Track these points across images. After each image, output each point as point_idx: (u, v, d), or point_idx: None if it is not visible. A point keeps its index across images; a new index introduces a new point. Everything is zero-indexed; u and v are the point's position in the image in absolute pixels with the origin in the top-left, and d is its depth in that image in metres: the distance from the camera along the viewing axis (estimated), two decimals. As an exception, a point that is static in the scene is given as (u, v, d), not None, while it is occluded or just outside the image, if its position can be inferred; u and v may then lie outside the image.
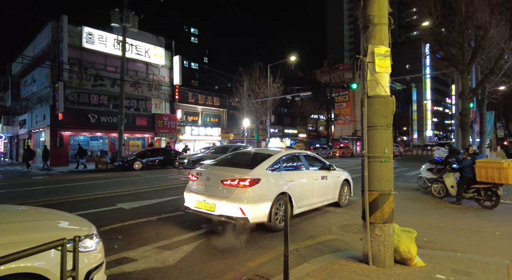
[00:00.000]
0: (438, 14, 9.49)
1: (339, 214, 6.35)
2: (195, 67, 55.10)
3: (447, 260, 3.69)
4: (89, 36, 20.78)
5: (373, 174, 3.58)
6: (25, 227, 2.42)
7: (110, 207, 6.87)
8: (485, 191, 7.13)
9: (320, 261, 3.74)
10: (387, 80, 3.64)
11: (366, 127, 3.61)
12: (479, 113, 15.28)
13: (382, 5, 3.60)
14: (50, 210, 3.25)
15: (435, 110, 71.92)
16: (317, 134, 46.16)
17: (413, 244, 3.55)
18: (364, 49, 3.65)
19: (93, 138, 21.96)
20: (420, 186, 9.99)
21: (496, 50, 10.36)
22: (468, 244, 4.37)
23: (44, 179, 12.85)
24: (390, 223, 3.57)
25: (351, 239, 4.73)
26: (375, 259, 3.54)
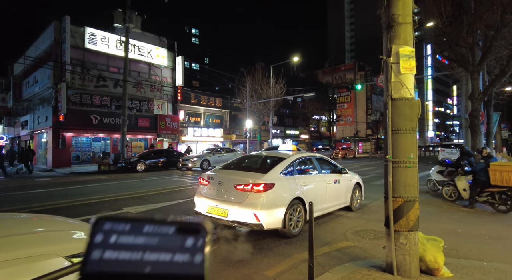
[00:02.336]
0: (448, 14, 9.34)
1: (352, 219, 6.20)
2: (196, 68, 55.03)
3: (474, 270, 3.53)
4: (92, 37, 20.66)
5: (398, 180, 3.43)
6: (39, 239, 2.28)
7: (116, 211, 6.72)
8: (499, 195, 6.97)
9: (341, 270, 3.58)
10: (412, 82, 3.50)
11: (390, 131, 3.46)
12: (486, 114, 15.12)
13: (407, 4, 3.46)
14: (65, 218, 3.11)
15: (437, 111, 71.76)
16: (319, 135, 46.00)
17: (440, 254, 3.40)
18: (388, 50, 3.50)
19: (96, 139, 21.81)
20: (430, 188, 9.84)
21: (508, 50, 10.21)
22: (493, 252, 4.21)
23: (48, 182, 12.71)
24: (415, 231, 3.43)
25: (369, 246, 4.57)
26: (400, 269, 3.39)
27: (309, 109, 35.89)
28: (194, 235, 0.30)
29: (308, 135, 39.65)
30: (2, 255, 1.85)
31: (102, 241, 0.28)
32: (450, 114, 75.67)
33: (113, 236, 0.28)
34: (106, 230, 0.29)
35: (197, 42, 67.09)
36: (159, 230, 0.29)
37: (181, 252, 0.29)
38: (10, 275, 1.78)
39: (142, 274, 0.27)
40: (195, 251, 0.29)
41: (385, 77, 3.57)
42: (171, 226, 0.30)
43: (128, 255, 0.28)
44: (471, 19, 9.48)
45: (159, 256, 0.28)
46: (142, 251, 0.28)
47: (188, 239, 0.29)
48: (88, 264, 0.27)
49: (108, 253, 0.28)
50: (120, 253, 0.28)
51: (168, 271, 0.28)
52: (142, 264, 0.28)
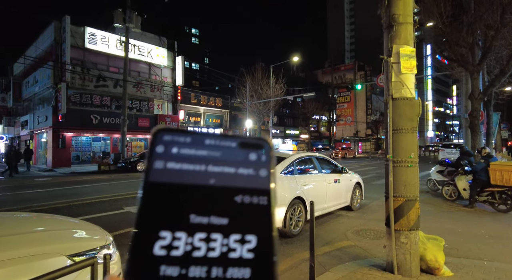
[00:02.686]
0: (448, 14, 9.35)
1: (352, 219, 6.21)
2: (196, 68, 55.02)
3: (474, 269, 3.54)
4: (92, 37, 20.65)
5: (398, 180, 3.44)
6: (41, 238, 2.29)
7: (117, 211, 6.73)
8: (499, 195, 6.98)
9: (342, 269, 3.59)
10: (413, 82, 3.50)
11: (391, 131, 3.47)
12: (486, 114, 15.14)
13: (408, 4, 3.46)
14: (66, 217, 3.12)
15: (436, 111, 71.79)
16: (319, 135, 46.01)
17: (440, 253, 3.41)
18: (389, 50, 3.51)
19: (96, 139, 21.81)
20: (430, 188, 9.86)
21: (507, 50, 10.22)
22: (493, 252, 4.22)
23: (48, 181, 12.71)
24: (416, 230, 3.44)
25: (369, 245, 4.58)
26: (400, 268, 3.40)
27: (309, 109, 35.90)
28: (257, 150, 0.29)
29: (308, 135, 39.66)
30: (4, 254, 1.86)
31: (163, 151, 0.27)
32: (450, 114, 75.69)
33: (174, 147, 0.27)
34: (166, 141, 0.27)
35: (197, 42, 67.11)
36: (221, 143, 0.28)
37: (245, 166, 0.28)
38: (12, 273, 1.79)
39: (206, 186, 0.26)
40: (260, 165, 0.28)
41: (385, 76, 3.58)
42: (233, 141, 0.29)
43: (191, 166, 0.27)
44: (471, 19, 9.50)
45: (223, 168, 0.27)
46: (205, 163, 0.27)
47: (251, 153, 0.28)
48: (151, 173, 0.26)
49: (170, 163, 0.26)
50: (182, 164, 0.27)
51: (233, 184, 0.27)
52: (206, 176, 0.27)
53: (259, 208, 0.26)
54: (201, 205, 0.26)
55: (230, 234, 0.25)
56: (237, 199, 0.26)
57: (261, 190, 0.27)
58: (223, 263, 0.24)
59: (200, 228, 0.25)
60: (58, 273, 1.26)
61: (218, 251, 0.25)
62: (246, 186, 0.27)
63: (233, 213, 0.26)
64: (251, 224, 0.26)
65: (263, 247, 0.25)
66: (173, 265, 0.24)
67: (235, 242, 0.25)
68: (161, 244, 0.24)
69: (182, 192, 0.26)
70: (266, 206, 0.27)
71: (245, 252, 0.25)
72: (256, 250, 0.25)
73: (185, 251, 0.24)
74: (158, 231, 0.24)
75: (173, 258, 0.24)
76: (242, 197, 0.26)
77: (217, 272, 0.24)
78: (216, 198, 0.26)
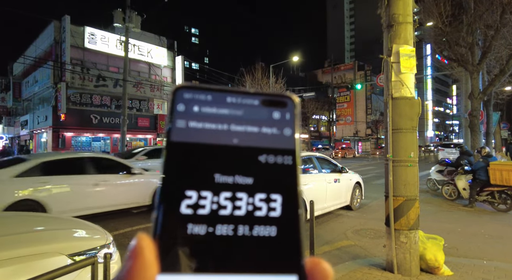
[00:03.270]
0: (448, 14, 9.35)
1: (352, 218, 6.21)
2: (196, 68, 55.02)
3: (474, 268, 3.55)
4: (92, 37, 20.65)
5: (398, 179, 3.44)
6: (42, 237, 2.29)
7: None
8: (499, 194, 6.98)
9: (342, 269, 3.60)
10: (412, 81, 3.51)
11: (391, 130, 3.47)
12: (486, 114, 15.14)
13: (407, 3, 3.47)
14: (66, 217, 3.12)
15: (436, 111, 71.85)
16: (319, 134, 46.04)
17: (440, 252, 3.41)
18: (388, 49, 3.51)
19: (95, 139, 21.81)
20: (430, 188, 9.86)
21: (507, 50, 10.23)
22: (492, 251, 4.23)
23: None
24: (416, 229, 3.44)
25: (369, 245, 4.59)
26: (400, 268, 3.41)
27: (308, 108, 35.91)
28: (281, 108, 0.28)
29: (307, 134, 39.67)
30: (5, 253, 1.86)
31: (185, 110, 0.26)
32: (450, 114, 75.68)
33: (195, 105, 0.26)
34: (187, 99, 0.27)
35: (197, 41, 67.11)
36: (243, 101, 0.27)
37: (268, 125, 0.27)
38: (13, 273, 1.79)
39: (230, 145, 0.26)
40: (284, 124, 0.27)
41: (385, 76, 3.58)
42: (256, 98, 0.28)
43: (214, 125, 0.26)
44: (471, 18, 9.50)
45: (246, 127, 0.27)
46: (227, 122, 0.26)
47: (275, 111, 0.27)
48: (173, 132, 0.25)
49: (192, 122, 0.26)
50: (204, 123, 0.26)
51: (257, 144, 0.26)
52: (229, 134, 0.26)
53: (284, 167, 0.26)
54: (225, 164, 0.25)
55: (256, 193, 0.25)
56: (261, 159, 0.26)
57: (286, 150, 0.27)
58: (249, 221, 0.24)
59: (225, 188, 0.25)
60: (59, 272, 1.27)
61: (244, 210, 0.24)
62: (270, 145, 0.26)
63: (258, 173, 0.26)
64: (276, 183, 0.26)
65: (288, 206, 0.25)
66: (200, 224, 0.24)
67: (261, 201, 0.25)
68: (187, 203, 0.24)
69: (206, 151, 0.25)
70: (291, 165, 0.26)
71: (271, 211, 0.25)
72: (281, 209, 0.25)
73: (211, 210, 0.24)
74: (184, 190, 0.24)
75: (200, 216, 0.24)
76: (266, 156, 0.26)
77: (244, 230, 0.24)
78: (240, 157, 0.26)
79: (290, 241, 0.24)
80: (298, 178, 0.26)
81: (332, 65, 42.92)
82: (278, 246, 0.24)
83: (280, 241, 0.24)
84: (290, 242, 0.24)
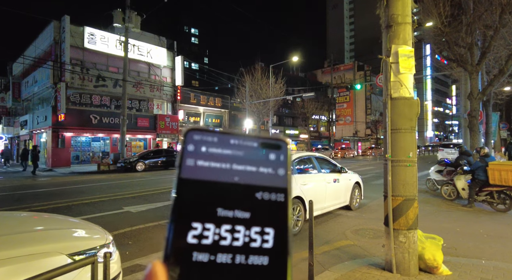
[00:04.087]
0: (447, 14, 9.37)
1: (351, 218, 6.22)
2: (195, 68, 55.02)
3: (472, 268, 3.56)
4: (91, 37, 20.64)
5: (397, 179, 3.45)
6: (41, 237, 2.30)
7: (117, 211, 6.73)
8: (498, 194, 7.00)
9: (341, 268, 3.61)
10: (411, 81, 3.52)
11: (390, 130, 3.48)
12: (485, 114, 15.17)
13: (406, 4, 3.48)
14: (66, 217, 3.13)
15: (436, 111, 71.87)
16: (319, 134, 46.04)
17: (439, 252, 3.42)
18: (387, 49, 3.53)
19: (95, 139, 21.81)
20: (429, 188, 9.88)
21: (506, 50, 10.25)
22: (491, 251, 4.24)
23: (48, 181, 12.71)
24: (414, 229, 3.45)
25: (368, 245, 4.60)
26: (399, 267, 3.42)
27: (308, 109, 35.92)
28: (276, 150, 0.31)
29: (307, 135, 39.67)
30: (5, 253, 1.87)
31: (194, 150, 0.29)
32: (449, 114, 75.74)
33: (203, 146, 0.30)
34: (196, 140, 0.30)
35: (197, 42, 67.08)
36: (244, 143, 0.31)
37: (265, 165, 0.30)
38: (13, 272, 1.80)
39: (231, 183, 0.29)
40: (278, 164, 0.31)
41: (384, 76, 3.59)
42: (255, 141, 0.31)
43: (218, 164, 0.29)
44: (470, 19, 9.52)
45: (246, 167, 0.30)
46: (230, 162, 0.30)
47: (270, 153, 0.31)
48: (183, 169, 0.29)
49: (200, 161, 0.29)
50: (210, 162, 0.29)
51: (255, 182, 0.29)
52: (231, 173, 0.29)
53: (277, 204, 0.29)
54: (227, 200, 0.29)
55: (252, 226, 0.28)
56: (257, 196, 0.29)
57: (279, 188, 0.30)
58: (245, 251, 0.27)
59: (226, 221, 0.28)
60: (59, 271, 1.27)
61: (241, 241, 0.28)
62: (266, 184, 0.30)
63: (254, 208, 0.29)
64: (269, 218, 0.29)
65: (280, 238, 0.28)
66: (203, 252, 0.27)
67: (256, 234, 0.28)
68: (193, 233, 0.27)
69: (211, 188, 0.29)
70: (283, 202, 0.29)
71: (264, 243, 0.28)
72: (273, 241, 0.28)
73: (214, 240, 0.27)
74: (191, 222, 0.27)
75: (203, 246, 0.27)
76: (262, 194, 0.29)
77: (240, 259, 0.27)
78: (240, 194, 0.29)
79: (280, 269, 0.27)
80: (289, 213, 0.29)
81: (331, 65, 42.93)
82: (269, 274, 0.27)
83: (271, 269, 0.27)
84: (279, 270, 0.27)
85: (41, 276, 1.20)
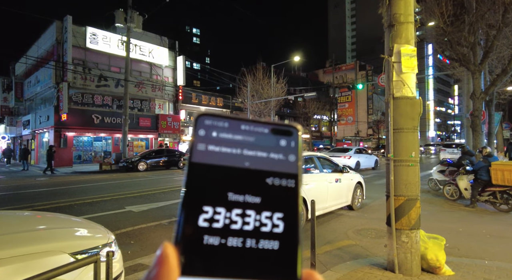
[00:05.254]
0: (450, 13, 9.32)
1: (353, 218, 6.21)
2: (197, 68, 55.07)
3: (475, 268, 3.54)
4: (93, 37, 20.70)
5: (399, 179, 3.44)
6: (44, 236, 2.31)
7: (119, 210, 6.75)
8: (501, 194, 6.97)
9: (343, 268, 3.60)
10: (414, 81, 3.51)
11: (392, 130, 3.47)
12: (488, 114, 15.10)
13: (409, 3, 3.47)
14: (68, 216, 3.13)
15: (438, 111, 71.63)
16: (320, 134, 45.99)
17: (441, 252, 3.41)
18: (390, 49, 3.51)
19: (97, 139, 21.87)
20: (431, 188, 9.85)
21: (509, 50, 10.19)
22: (494, 251, 4.22)
23: (49, 181, 12.75)
24: (417, 229, 3.44)
25: (370, 245, 4.59)
26: (401, 267, 3.40)
27: (310, 108, 35.87)
28: (287, 136, 0.31)
29: (309, 134, 39.63)
30: (8, 252, 1.88)
31: (205, 135, 0.30)
32: (452, 114, 75.48)
33: (214, 131, 0.30)
34: (207, 125, 0.30)
35: (198, 41, 67.14)
36: (255, 129, 0.31)
37: (276, 151, 0.30)
38: (16, 271, 1.80)
39: (242, 168, 0.29)
40: (289, 151, 0.31)
41: (386, 76, 3.58)
42: (266, 127, 0.31)
43: (229, 149, 0.29)
44: (473, 18, 9.46)
45: (256, 152, 0.30)
46: (241, 147, 0.30)
47: (281, 139, 0.31)
48: (194, 154, 0.29)
49: (211, 146, 0.29)
50: (221, 147, 0.29)
51: (265, 167, 0.30)
52: (242, 158, 0.29)
53: (287, 189, 0.29)
54: (237, 184, 0.29)
55: (262, 211, 0.29)
56: (268, 181, 0.29)
57: (290, 174, 0.30)
58: (256, 235, 0.28)
59: (236, 205, 0.28)
60: (61, 270, 1.28)
61: (252, 225, 0.28)
62: (277, 169, 0.30)
63: (265, 193, 0.29)
64: (280, 203, 0.29)
65: (290, 224, 0.29)
66: (214, 235, 0.27)
67: (266, 218, 0.29)
68: (204, 217, 0.27)
69: (222, 172, 0.29)
70: (293, 188, 0.30)
71: (274, 227, 0.28)
72: (283, 226, 0.28)
73: (224, 224, 0.28)
74: (202, 205, 0.28)
75: (214, 229, 0.27)
76: (273, 179, 0.29)
77: (251, 243, 0.28)
78: (250, 179, 0.29)
79: (290, 254, 0.28)
80: (299, 199, 0.30)
81: (333, 65, 42.84)
82: (280, 258, 0.28)
83: (282, 254, 0.28)
84: (290, 255, 0.28)
85: (44, 275, 1.20)
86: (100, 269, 1.46)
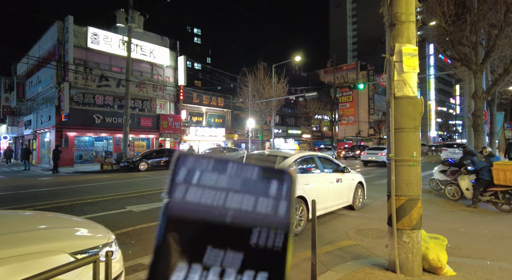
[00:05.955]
0: (451, 13, 9.29)
1: (354, 218, 6.19)
2: (198, 68, 55.10)
3: (477, 269, 3.53)
4: (95, 37, 20.73)
5: (401, 179, 3.43)
6: (44, 235, 2.30)
7: (119, 210, 6.75)
8: (503, 194, 6.93)
9: (344, 268, 3.59)
10: (415, 80, 3.49)
11: (393, 129, 3.46)
12: (489, 114, 15.04)
13: (410, 2, 3.45)
14: (69, 216, 3.13)
15: (439, 111, 71.47)
16: (321, 134, 45.94)
17: (443, 252, 3.39)
18: (391, 48, 3.50)
19: (98, 139, 21.90)
20: (432, 188, 9.81)
21: (511, 49, 10.16)
22: (496, 251, 4.20)
23: (50, 181, 12.78)
24: (418, 229, 3.42)
25: (371, 245, 4.57)
26: (402, 268, 3.39)
27: (311, 108, 35.84)
28: (279, 181, 0.27)
29: (310, 134, 39.59)
30: (8, 252, 1.87)
31: (184, 179, 0.26)
32: (453, 114, 75.30)
33: (195, 174, 0.26)
34: (188, 166, 0.27)
35: (199, 41, 67.15)
36: (242, 173, 0.27)
37: (264, 200, 0.27)
38: (16, 271, 1.80)
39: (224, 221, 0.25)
40: (280, 197, 0.27)
41: (388, 75, 3.57)
42: (255, 170, 0.27)
43: (211, 197, 0.26)
44: (475, 18, 9.43)
45: (242, 202, 0.26)
46: (225, 195, 0.26)
47: (272, 185, 0.27)
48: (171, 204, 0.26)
49: (190, 194, 0.26)
50: (202, 195, 0.26)
51: (251, 221, 0.26)
52: (224, 210, 0.26)
53: (275, 246, 0.26)
54: (217, 239, 0.25)
55: (244, 270, 0.25)
56: (253, 236, 0.26)
57: (278, 227, 0.26)
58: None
59: (215, 262, 0.24)
60: (61, 270, 1.27)
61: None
62: (264, 223, 0.26)
63: (249, 250, 0.25)
64: (265, 262, 0.25)
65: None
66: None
67: (248, 278, 0.25)
68: (178, 275, 0.24)
69: (200, 225, 0.25)
70: (282, 244, 0.26)
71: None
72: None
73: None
74: (176, 262, 0.24)
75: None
76: (258, 234, 0.26)
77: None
78: (233, 233, 0.25)
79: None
80: (288, 257, 0.26)
81: (334, 65, 42.83)
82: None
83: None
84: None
85: (43, 275, 1.20)
86: (99, 269, 1.46)
